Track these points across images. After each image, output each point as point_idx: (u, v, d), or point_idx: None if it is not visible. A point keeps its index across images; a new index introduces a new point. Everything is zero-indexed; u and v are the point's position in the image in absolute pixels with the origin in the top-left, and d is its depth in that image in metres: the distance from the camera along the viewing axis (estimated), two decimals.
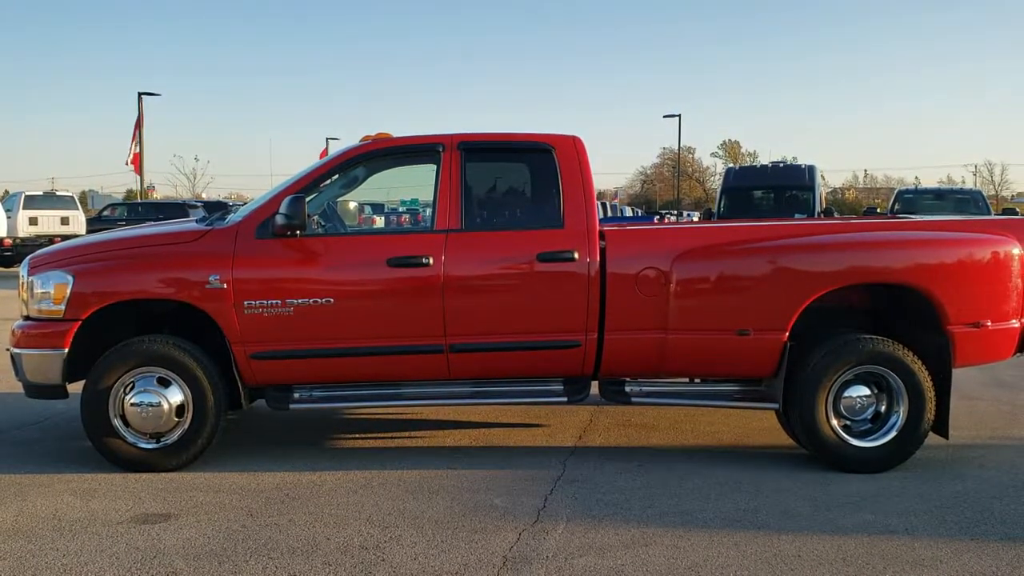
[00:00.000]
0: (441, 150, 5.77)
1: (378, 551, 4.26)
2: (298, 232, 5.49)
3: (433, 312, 5.54)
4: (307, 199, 5.60)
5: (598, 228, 5.68)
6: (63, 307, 5.47)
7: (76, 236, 21.93)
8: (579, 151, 5.85)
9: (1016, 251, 5.57)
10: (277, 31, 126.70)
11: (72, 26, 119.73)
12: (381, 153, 5.95)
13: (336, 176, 5.92)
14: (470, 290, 5.60)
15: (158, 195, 60.76)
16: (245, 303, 5.46)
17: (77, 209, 24.64)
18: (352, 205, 6.93)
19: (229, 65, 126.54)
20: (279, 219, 5.44)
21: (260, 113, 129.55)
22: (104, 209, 32.29)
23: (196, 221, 6.26)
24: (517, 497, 5.05)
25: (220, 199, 41.90)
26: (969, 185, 62.41)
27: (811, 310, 5.53)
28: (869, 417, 5.59)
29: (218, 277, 5.45)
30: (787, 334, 5.51)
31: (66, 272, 5.52)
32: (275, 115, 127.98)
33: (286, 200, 5.43)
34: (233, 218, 5.79)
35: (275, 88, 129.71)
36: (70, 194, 25.49)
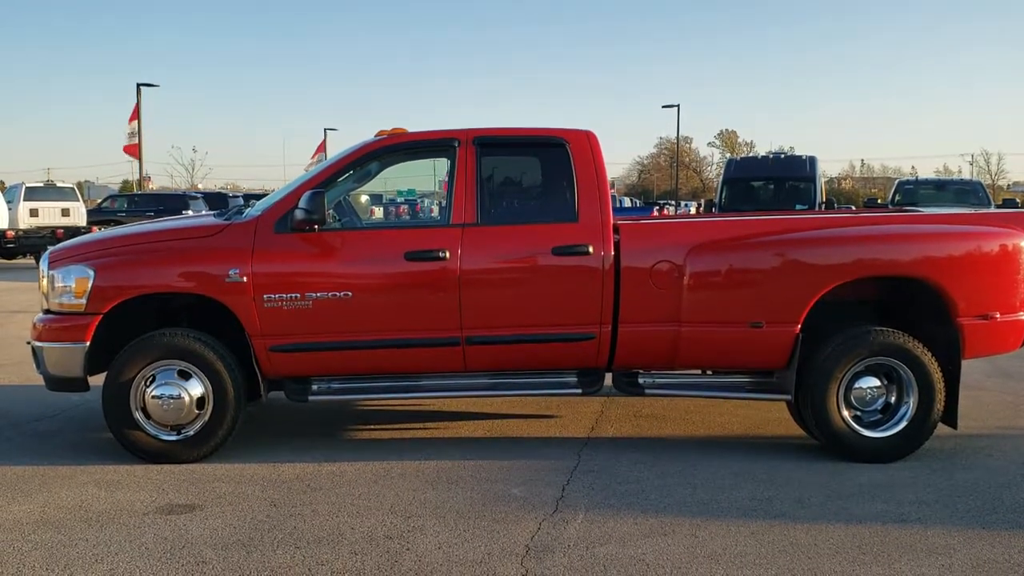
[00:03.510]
0: (457, 145, 5.83)
1: (403, 540, 4.34)
2: (317, 226, 5.56)
3: (450, 305, 5.61)
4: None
5: (612, 222, 5.74)
6: (84, 301, 5.54)
7: (77, 227, 22.01)
8: (593, 145, 5.91)
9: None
10: (276, 22, 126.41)
11: (66, 17, 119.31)
12: (397, 148, 6.01)
13: (352, 171, 5.97)
14: (486, 283, 5.67)
15: (154, 186, 60.69)
16: (264, 296, 5.52)
17: (78, 200, 24.65)
18: (364, 199, 6.97)
19: (226, 56, 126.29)
20: (299, 213, 5.50)
21: (258, 104, 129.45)
22: (104, 200, 32.32)
23: (215, 215, 6.32)
24: (535, 487, 5.13)
25: (218, 190, 41.93)
26: (966, 174, 62.58)
27: (822, 302, 5.61)
28: (879, 408, 5.68)
29: (238, 271, 5.52)
30: (799, 326, 5.59)
31: (87, 266, 5.58)
32: (273, 107, 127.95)
33: (306, 195, 5.49)
34: (252, 212, 5.85)
35: (273, 80, 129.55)
36: (70, 186, 25.46)
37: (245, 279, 5.52)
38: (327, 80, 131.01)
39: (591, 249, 5.64)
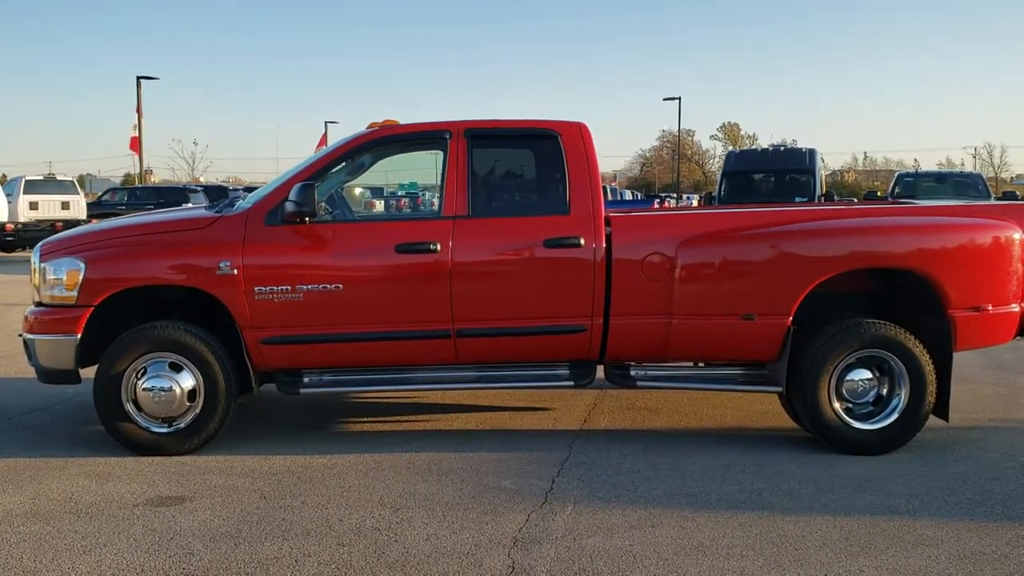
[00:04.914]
0: (448, 137, 5.82)
1: (390, 532, 4.34)
2: (307, 219, 5.55)
3: (441, 297, 5.61)
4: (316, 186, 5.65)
5: (604, 214, 5.73)
6: (75, 293, 5.54)
7: (77, 220, 22.01)
8: (585, 137, 5.89)
9: (1016, 236, 5.63)
10: (276, 14, 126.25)
11: (69, 9, 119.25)
12: (388, 140, 6.00)
13: (344, 163, 5.97)
14: (477, 276, 5.66)
15: (156, 179, 60.67)
16: (255, 289, 5.52)
17: (78, 194, 24.62)
18: (358, 191, 6.98)
19: (227, 49, 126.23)
20: (289, 206, 5.49)
21: (259, 97, 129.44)
22: (104, 194, 32.33)
23: (206, 208, 6.31)
24: (525, 479, 5.13)
25: (219, 183, 41.94)
26: (968, 167, 62.47)
27: (814, 294, 5.60)
28: (871, 400, 5.67)
29: (228, 263, 5.51)
30: (791, 318, 5.58)
31: (78, 259, 5.58)
32: (274, 99, 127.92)
33: (296, 187, 5.49)
34: (243, 205, 5.85)
35: (274, 72, 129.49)
36: (70, 179, 25.43)
37: (236, 271, 5.51)
38: (332, 74, 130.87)
39: (582, 241, 5.63)
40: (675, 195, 50.68)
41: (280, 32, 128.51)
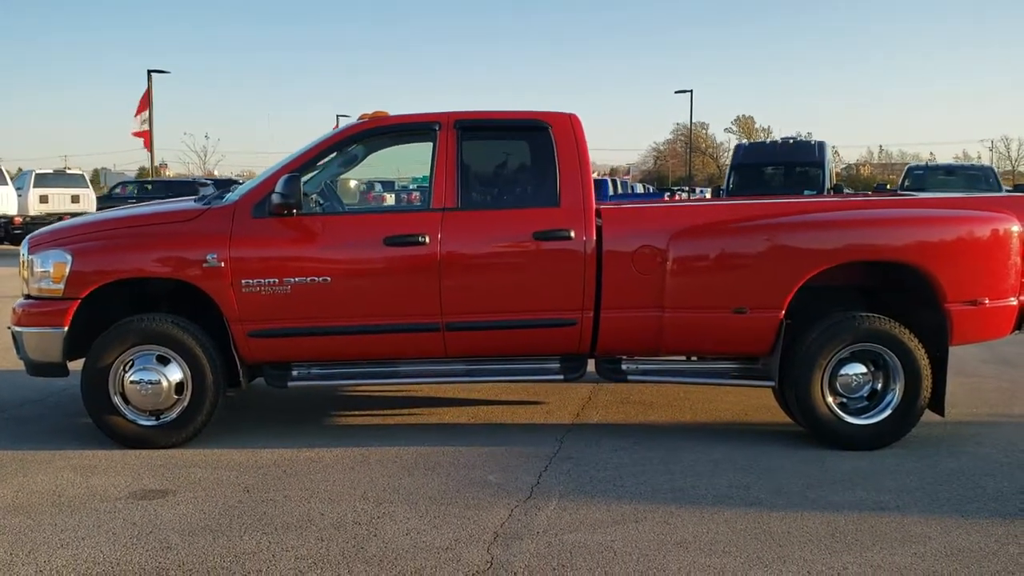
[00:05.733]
0: (437, 128, 5.76)
1: (371, 527, 4.31)
2: (294, 211, 5.50)
3: (429, 291, 5.56)
4: (304, 178, 5.61)
5: (594, 206, 5.67)
6: (62, 286, 5.52)
7: (86, 214, 22.08)
8: (576, 129, 5.82)
9: (1015, 229, 5.53)
10: (287, 8, 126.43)
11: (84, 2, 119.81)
12: (377, 132, 5.95)
13: (334, 155, 5.92)
14: (466, 268, 5.61)
15: (170, 173, 60.93)
16: (243, 282, 5.48)
17: (87, 187, 24.68)
18: (352, 183, 6.93)
19: (239, 42, 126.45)
20: (275, 198, 5.45)
21: (271, 90, 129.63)
22: (115, 187, 32.43)
23: (194, 200, 6.28)
24: (511, 474, 5.08)
25: (232, 177, 41.95)
26: (985, 160, 61.96)
27: (808, 288, 5.52)
28: (865, 395, 5.58)
29: (215, 256, 5.48)
30: (783, 312, 5.50)
31: (65, 251, 5.56)
32: (286, 92, 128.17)
33: (282, 179, 5.44)
34: (230, 197, 5.82)
35: (286, 65, 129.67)
36: (80, 172, 25.51)
37: (223, 264, 5.48)
38: (339, 69, 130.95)
39: (572, 234, 5.57)
40: (687, 188, 50.44)
41: (288, 27, 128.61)
